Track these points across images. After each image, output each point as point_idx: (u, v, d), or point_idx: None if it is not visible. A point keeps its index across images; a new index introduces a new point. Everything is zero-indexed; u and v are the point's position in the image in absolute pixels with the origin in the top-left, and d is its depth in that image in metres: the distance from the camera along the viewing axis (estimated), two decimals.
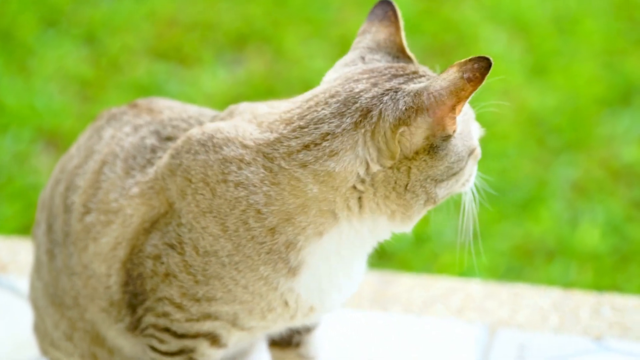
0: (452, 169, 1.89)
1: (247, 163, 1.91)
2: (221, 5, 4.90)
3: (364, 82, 1.90)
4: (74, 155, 2.14)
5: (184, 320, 1.99)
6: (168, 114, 2.11)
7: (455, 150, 1.88)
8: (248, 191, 1.90)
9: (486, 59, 1.82)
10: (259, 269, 1.92)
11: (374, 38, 2.01)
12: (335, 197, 1.89)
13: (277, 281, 1.93)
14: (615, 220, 3.78)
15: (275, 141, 1.91)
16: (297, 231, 1.90)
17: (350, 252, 1.96)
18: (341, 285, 1.99)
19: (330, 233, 1.91)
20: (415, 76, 1.90)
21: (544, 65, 4.59)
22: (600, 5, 4.95)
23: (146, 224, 2.00)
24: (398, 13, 2.03)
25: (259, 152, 1.91)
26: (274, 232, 1.91)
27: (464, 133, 1.90)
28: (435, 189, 1.89)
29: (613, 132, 4.20)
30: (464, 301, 2.73)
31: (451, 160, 1.88)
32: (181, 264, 1.96)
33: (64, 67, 4.45)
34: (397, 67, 1.92)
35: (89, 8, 4.81)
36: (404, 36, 2.01)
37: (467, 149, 1.91)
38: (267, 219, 1.90)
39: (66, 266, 2.09)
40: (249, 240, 1.91)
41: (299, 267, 1.93)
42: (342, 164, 1.87)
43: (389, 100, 1.85)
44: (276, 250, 1.91)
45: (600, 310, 2.69)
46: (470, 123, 1.93)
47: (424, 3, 4.90)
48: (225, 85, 4.42)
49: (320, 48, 4.64)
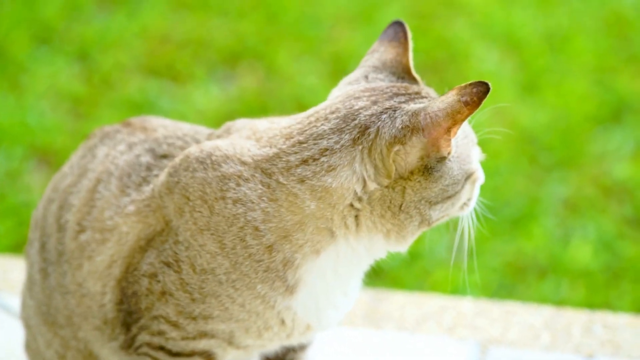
0: (446, 192, 1.89)
1: (245, 179, 1.91)
2: (213, 23, 4.91)
3: (364, 99, 1.91)
4: (67, 174, 2.14)
5: (180, 339, 1.99)
6: (162, 132, 2.11)
7: (451, 173, 1.89)
8: (246, 208, 1.90)
9: (485, 84, 1.83)
10: (256, 287, 1.92)
11: (381, 57, 2.03)
12: (332, 215, 1.89)
13: (275, 299, 1.94)
14: (606, 238, 3.78)
15: (274, 156, 1.91)
16: (294, 249, 1.91)
17: (347, 270, 1.96)
18: (338, 303, 1.99)
19: (328, 251, 1.92)
20: (417, 96, 1.92)
21: (536, 82, 4.61)
22: (591, 23, 4.97)
23: (142, 241, 2.00)
24: (408, 34, 2.05)
25: (257, 168, 1.91)
26: (272, 250, 1.91)
27: (462, 156, 1.91)
28: (429, 211, 1.90)
29: (604, 149, 4.21)
30: (456, 319, 2.73)
31: (445, 183, 1.89)
32: (178, 282, 1.96)
33: (56, 85, 4.45)
34: (400, 87, 1.94)
35: (81, 25, 4.82)
36: (411, 57, 2.03)
37: (464, 173, 1.91)
38: (264, 236, 1.90)
39: (60, 285, 2.09)
40: (246, 258, 1.91)
41: (297, 285, 1.93)
42: (339, 179, 1.88)
43: (387, 118, 1.86)
44: (274, 268, 1.91)
45: (592, 328, 2.69)
46: (470, 147, 1.94)
47: (416, 20, 4.91)
48: (218, 102, 4.43)
49: (313, 65, 4.65)
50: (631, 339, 2.64)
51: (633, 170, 4.08)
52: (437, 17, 4.99)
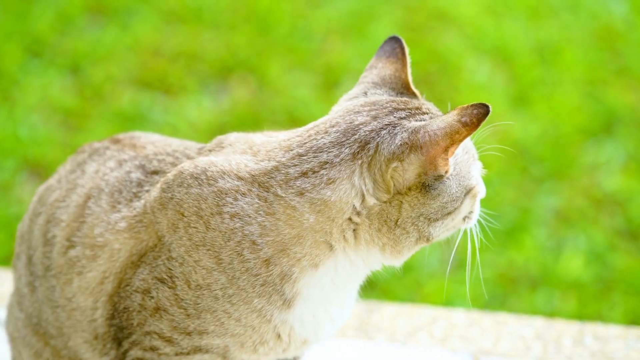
0: (445, 209, 1.90)
1: (242, 194, 1.91)
2: (205, 35, 4.91)
3: (364, 114, 1.91)
4: (55, 187, 2.14)
5: (173, 354, 1.99)
6: (152, 148, 2.11)
7: (449, 191, 1.90)
8: (243, 222, 1.90)
9: (485, 106, 1.85)
10: (253, 301, 1.92)
11: (380, 73, 2.03)
12: (331, 228, 1.89)
13: (271, 313, 1.93)
14: (597, 249, 3.79)
15: (272, 169, 1.91)
16: (292, 262, 1.91)
17: (344, 283, 1.96)
18: (334, 316, 2.00)
19: (326, 264, 1.92)
20: (417, 112, 1.92)
21: (527, 94, 4.62)
22: (581, 35, 4.99)
23: (134, 257, 1.99)
24: (406, 50, 2.05)
25: (254, 182, 1.91)
26: (269, 264, 1.91)
27: (462, 174, 1.92)
28: (429, 227, 1.91)
29: (595, 161, 4.23)
30: (447, 330, 2.73)
31: (444, 200, 1.89)
32: (172, 298, 1.95)
33: (48, 97, 4.45)
34: (400, 102, 1.94)
35: (73, 38, 4.82)
36: (410, 72, 2.03)
37: (463, 189, 1.92)
38: (262, 250, 1.90)
39: (48, 299, 2.08)
40: (243, 273, 1.91)
41: (294, 298, 1.93)
42: (338, 192, 1.88)
43: (387, 135, 1.87)
44: (271, 282, 1.91)
45: (583, 339, 2.69)
46: (470, 163, 1.95)
47: (408, 33, 4.92)
48: (210, 114, 4.43)
49: (305, 78, 4.66)
50: (622, 350, 2.65)
51: (624, 182, 4.09)
52: (429, 30, 5.00)
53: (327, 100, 4.46)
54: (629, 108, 4.51)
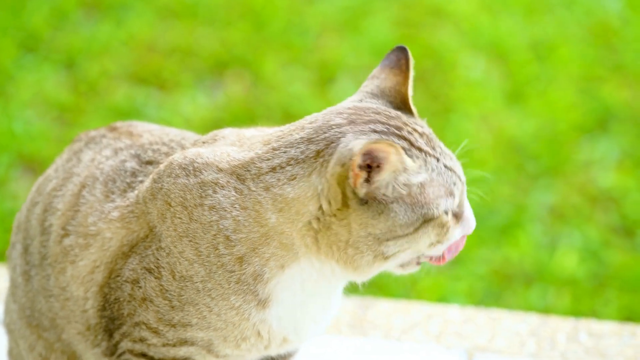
0: (394, 232, 1.85)
1: (221, 186, 1.91)
2: (200, 31, 4.91)
3: (344, 116, 1.89)
4: (52, 177, 2.14)
5: (161, 345, 1.99)
6: (148, 137, 2.11)
7: (394, 215, 1.84)
8: (219, 215, 1.90)
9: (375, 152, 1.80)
10: (229, 298, 1.92)
11: (380, 85, 1.99)
12: (292, 232, 1.87)
13: (249, 312, 1.92)
14: (592, 246, 3.79)
15: (249, 161, 1.90)
16: (262, 262, 1.89)
17: (318, 287, 1.93)
18: (316, 317, 1.98)
19: (292, 268, 1.90)
20: (395, 130, 1.87)
21: (522, 91, 4.62)
22: (577, 32, 4.99)
23: (125, 247, 1.99)
24: (410, 63, 2.00)
25: (233, 174, 1.90)
26: (242, 262, 1.90)
27: (420, 202, 1.85)
28: (381, 247, 1.86)
29: (590, 157, 4.23)
30: (442, 326, 2.73)
31: (389, 223, 1.84)
32: (157, 289, 1.95)
33: (42, 92, 4.45)
34: (386, 115, 1.90)
35: (67, 33, 4.81)
36: (411, 87, 1.99)
37: (418, 216, 1.85)
38: (235, 247, 1.90)
39: (43, 288, 2.08)
40: (219, 267, 1.91)
41: (268, 299, 1.92)
42: (297, 190, 1.86)
43: (347, 140, 1.84)
44: (244, 280, 1.91)
45: (577, 335, 2.70)
46: (438, 194, 1.87)
47: (403, 29, 4.92)
48: (205, 110, 4.43)
49: (300, 73, 4.65)
50: (616, 347, 2.65)
51: (618, 179, 4.09)
52: (424, 26, 5.00)
53: (322, 96, 4.46)
54: (624, 105, 4.51)
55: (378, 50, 4.71)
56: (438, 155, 1.89)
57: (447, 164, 1.90)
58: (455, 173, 1.90)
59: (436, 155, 1.89)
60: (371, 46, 4.76)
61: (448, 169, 1.89)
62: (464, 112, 4.41)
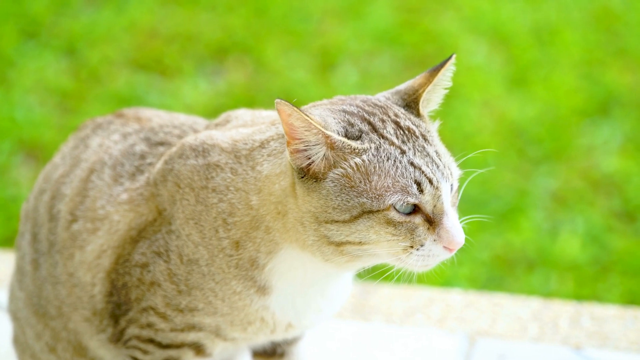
0: (329, 214, 1.79)
1: (221, 168, 1.91)
2: (201, 17, 4.90)
3: (340, 102, 1.87)
4: (59, 164, 2.14)
5: (169, 330, 1.99)
6: (157, 121, 2.11)
7: (326, 194, 1.79)
8: (218, 198, 1.90)
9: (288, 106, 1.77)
10: (231, 282, 1.92)
11: (408, 83, 1.93)
12: (268, 215, 1.85)
13: (250, 298, 1.93)
14: (594, 231, 3.79)
15: (248, 135, 1.90)
16: (255, 247, 1.89)
17: (311, 276, 1.92)
18: (319, 306, 1.97)
19: (279, 255, 1.89)
20: (373, 123, 1.82)
21: (524, 76, 4.61)
22: (579, 16, 4.98)
23: (133, 232, 1.99)
24: (446, 66, 1.91)
25: (232, 152, 1.90)
26: (239, 247, 1.90)
27: (355, 185, 1.78)
28: (321, 228, 1.80)
29: (592, 142, 4.22)
30: (444, 311, 2.73)
31: (321, 202, 1.79)
32: (166, 273, 1.95)
33: (44, 79, 4.44)
34: (372, 102, 1.86)
35: (69, 20, 4.80)
36: (428, 90, 1.90)
37: (355, 204, 1.78)
38: (231, 231, 1.90)
39: (51, 275, 2.08)
40: (220, 251, 1.91)
41: (267, 286, 1.92)
42: (270, 167, 1.85)
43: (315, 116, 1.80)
44: (242, 266, 1.90)
45: (579, 320, 2.70)
46: (383, 181, 1.79)
47: (405, 14, 4.91)
48: (206, 96, 4.42)
49: (301, 59, 4.65)
50: (618, 331, 2.65)
51: (621, 164, 4.09)
52: (426, 11, 4.99)
53: (323, 82, 4.46)
54: (626, 89, 4.50)
55: (379, 36, 4.71)
56: (405, 149, 1.80)
57: (414, 161, 1.80)
58: (424, 173, 1.79)
59: (402, 148, 1.80)
60: (373, 32, 4.75)
61: (412, 166, 1.79)
62: (466, 97, 4.40)
